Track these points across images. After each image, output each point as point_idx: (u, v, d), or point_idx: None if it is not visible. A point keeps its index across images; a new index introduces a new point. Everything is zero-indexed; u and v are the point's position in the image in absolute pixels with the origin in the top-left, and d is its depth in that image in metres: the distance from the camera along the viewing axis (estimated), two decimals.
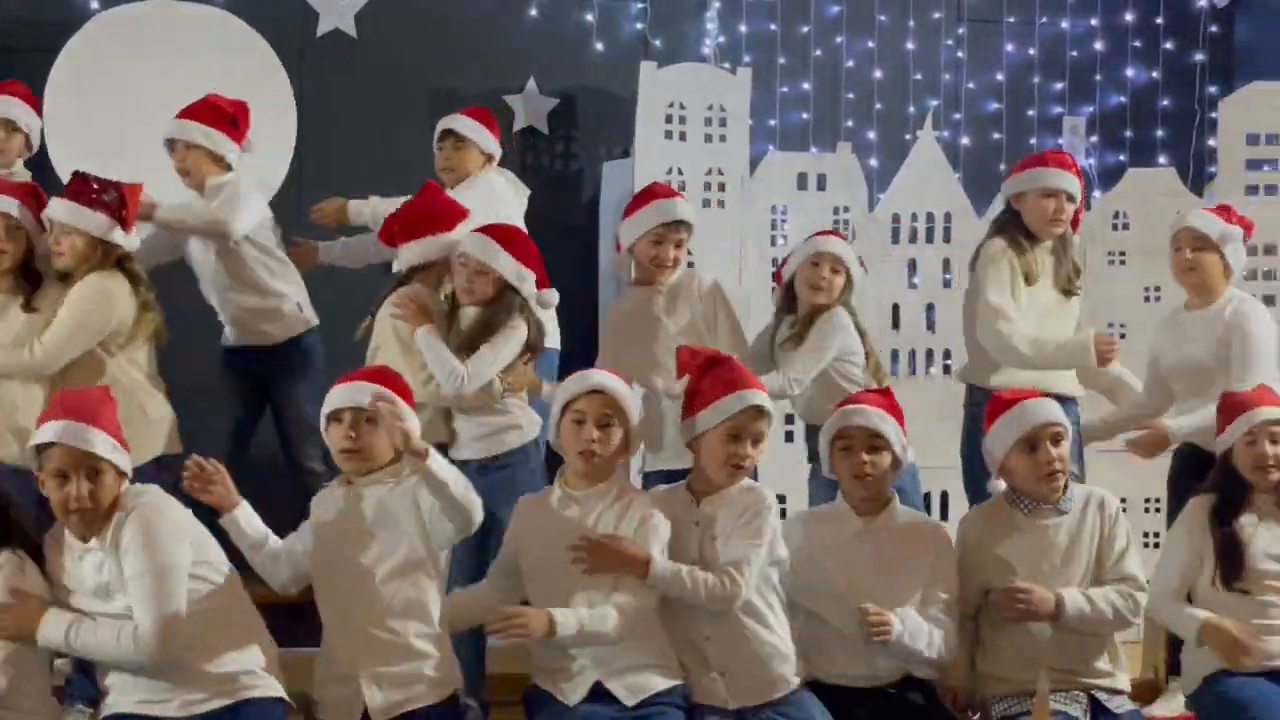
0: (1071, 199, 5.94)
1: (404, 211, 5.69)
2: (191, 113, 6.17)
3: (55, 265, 5.54)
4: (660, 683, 4.62)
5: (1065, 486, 4.95)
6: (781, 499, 7.07)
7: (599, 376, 4.79)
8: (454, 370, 5.24)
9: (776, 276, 6.16)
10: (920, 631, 4.74)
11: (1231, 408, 5.16)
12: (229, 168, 6.18)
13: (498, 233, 5.46)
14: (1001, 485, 5.01)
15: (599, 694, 4.60)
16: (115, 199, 5.49)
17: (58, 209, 5.48)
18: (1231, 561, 4.97)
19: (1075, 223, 6.08)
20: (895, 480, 5.03)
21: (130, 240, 5.57)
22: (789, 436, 7.03)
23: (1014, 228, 5.97)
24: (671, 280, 5.81)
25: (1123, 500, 5.71)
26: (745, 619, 4.71)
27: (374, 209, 6.56)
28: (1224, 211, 6.06)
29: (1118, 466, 6.55)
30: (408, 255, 5.56)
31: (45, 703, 4.53)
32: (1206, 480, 5.22)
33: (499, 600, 4.70)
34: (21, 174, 6.42)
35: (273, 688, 4.48)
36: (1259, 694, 4.85)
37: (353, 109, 7.52)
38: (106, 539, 4.36)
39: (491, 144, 6.79)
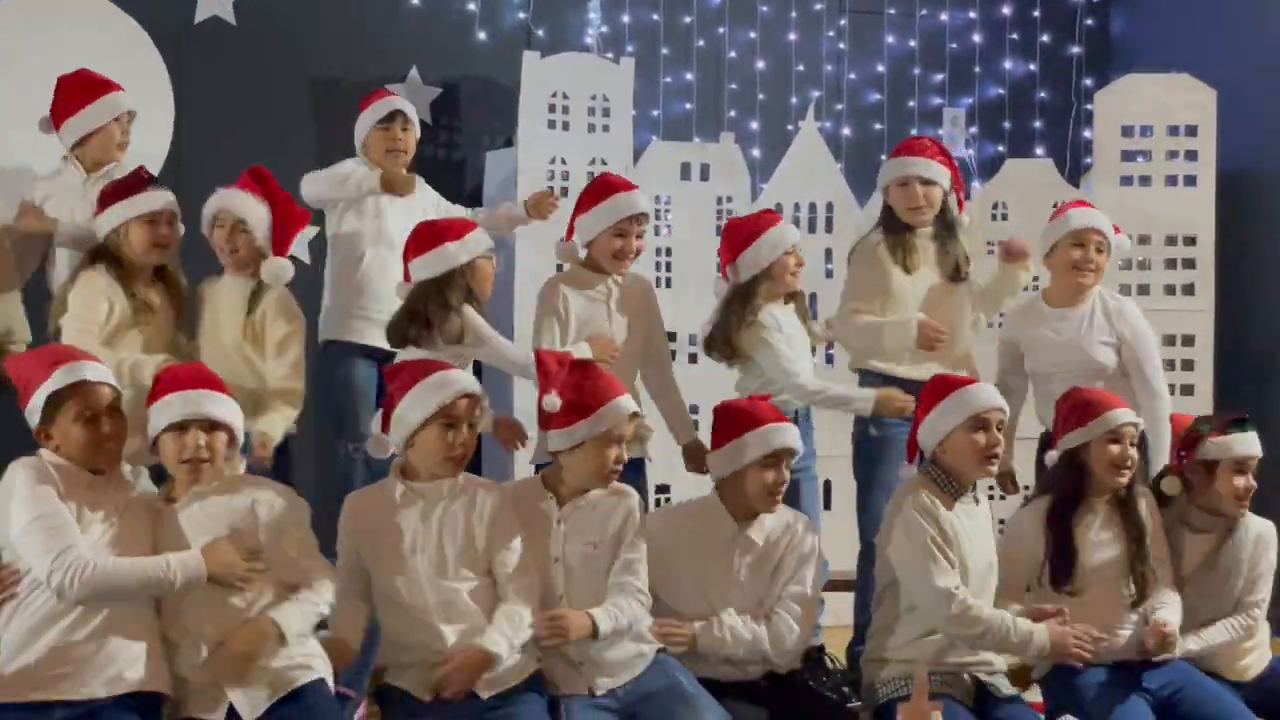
0: (930, 183, 5.94)
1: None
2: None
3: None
4: (515, 674, 4.57)
5: None
6: (665, 489, 7.15)
7: (468, 380, 4.73)
8: None
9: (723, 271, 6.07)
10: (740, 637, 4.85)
11: (1086, 407, 5.14)
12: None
13: None
14: (913, 470, 5.07)
15: None
16: None
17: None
18: (1064, 564, 5.02)
19: (960, 203, 6.10)
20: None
21: None
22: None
23: (890, 219, 6.03)
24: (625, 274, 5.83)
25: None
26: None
27: None
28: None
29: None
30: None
31: None
32: (1042, 481, 5.26)
33: (365, 609, 4.65)
34: None
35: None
36: (1103, 686, 4.91)
37: (232, 97, 7.43)
38: None
39: None
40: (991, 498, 5.87)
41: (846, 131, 8.63)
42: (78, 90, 6.08)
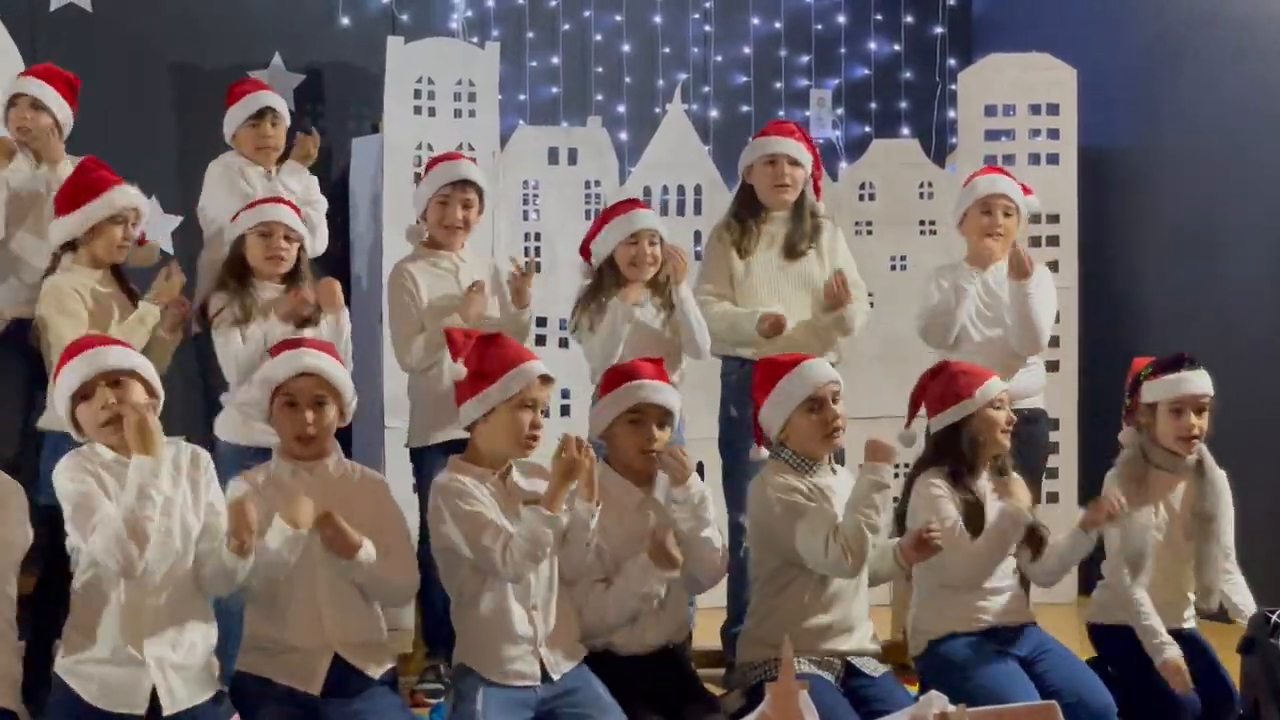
0: (795, 163, 6.03)
1: None
2: (43, 73, 6.28)
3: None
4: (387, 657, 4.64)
5: None
6: None
7: (308, 357, 4.72)
8: None
9: (584, 253, 6.07)
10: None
11: (962, 381, 5.19)
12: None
13: None
14: (764, 453, 5.08)
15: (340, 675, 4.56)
16: None
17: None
18: (976, 524, 5.07)
19: (818, 190, 6.18)
20: None
21: None
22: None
23: (739, 203, 6.14)
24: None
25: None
26: None
27: None
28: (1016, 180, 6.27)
29: (867, 432, 6.68)
30: None
31: None
32: (924, 457, 5.27)
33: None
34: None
35: None
36: (975, 653, 4.97)
37: (91, 86, 7.29)
38: None
39: None
40: None
41: (714, 114, 8.64)
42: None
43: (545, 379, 4.79)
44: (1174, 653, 4.98)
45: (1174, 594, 5.23)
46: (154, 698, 4.27)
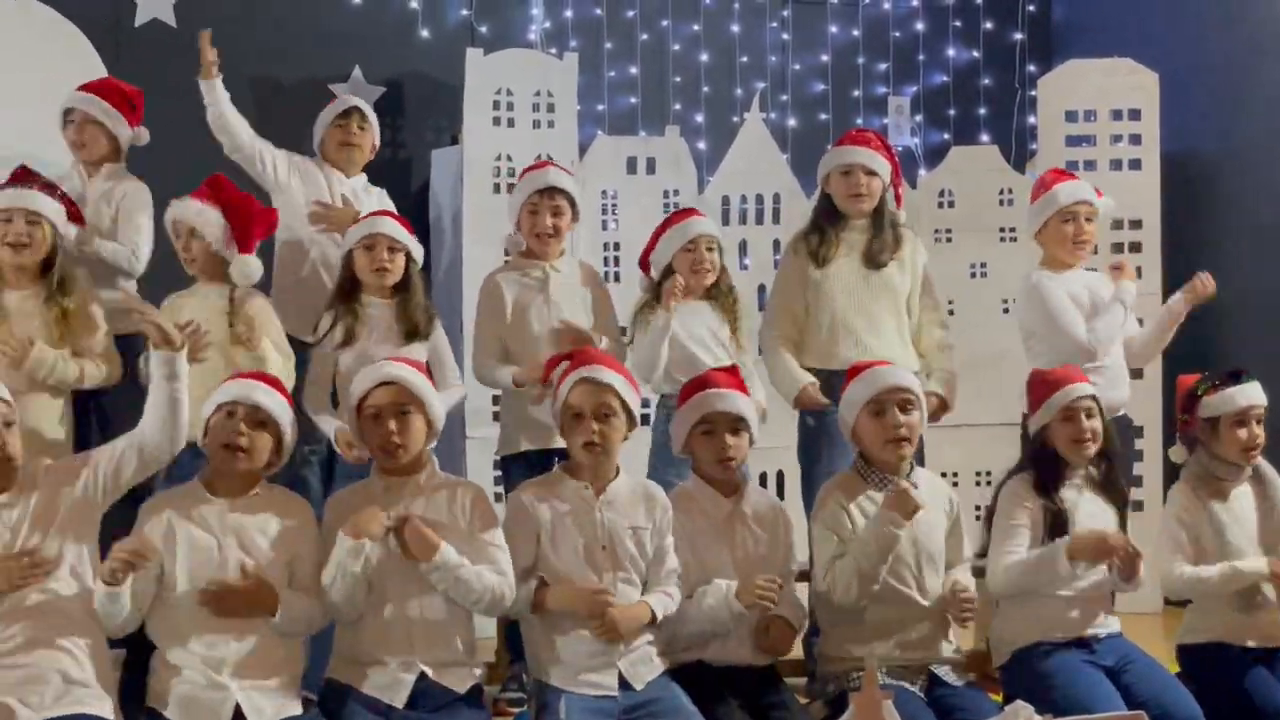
0: (871, 173, 6.01)
1: None
2: (94, 88, 6.27)
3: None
4: (456, 682, 4.61)
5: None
6: None
7: (389, 368, 4.76)
8: None
9: (643, 266, 6.12)
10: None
11: (1043, 386, 5.19)
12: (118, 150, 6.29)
13: None
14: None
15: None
16: None
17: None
18: (1059, 534, 5.03)
19: (898, 199, 6.16)
20: None
21: None
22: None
23: (819, 212, 6.11)
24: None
25: (955, 474, 5.84)
26: None
27: None
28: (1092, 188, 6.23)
29: (949, 441, 6.65)
30: None
31: None
32: (1018, 462, 5.26)
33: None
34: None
35: None
36: (1062, 663, 4.92)
37: (173, 100, 7.37)
38: None
39: None
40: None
41: (792, 122, 8.64)
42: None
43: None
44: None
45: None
46: (239, 715, 4.31)
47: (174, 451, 4.61)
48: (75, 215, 5.72)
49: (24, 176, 5.56)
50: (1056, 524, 5.04)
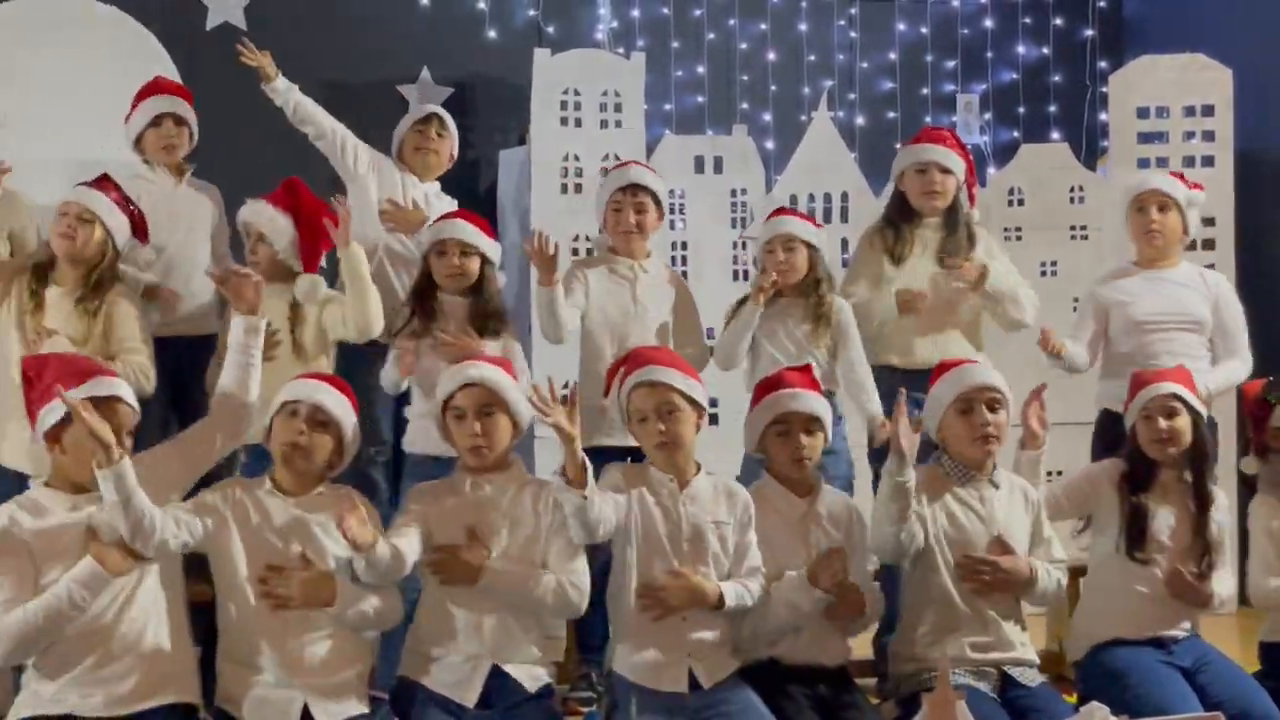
0: (946, 171, 5.99)
1: None
2: (167, 89, 6.31)
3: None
4: (528, 682, 4.61)
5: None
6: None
7: (473, 369, 4.77)
8: None
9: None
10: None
11: (1136, 384, 5.17)
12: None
13: None
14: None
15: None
16: None
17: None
18: (1138, 531, 5.02)
19: (972, 198, 6.12)
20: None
21: None
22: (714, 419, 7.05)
23: (893, 209, 6.10)
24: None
25: None
26: None
27: None
28: (1179, 176, 6.15)
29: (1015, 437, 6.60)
30: None
31: None
32: (1122, 449, 5.24)
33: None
34: None
35: None
36: (1138, 662, 4.89)
37: (244, 102, 7.42)
38: None
39: None
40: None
41: (860, 120, 8.61)
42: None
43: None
44: None
45: None
46: (308, 715, 4.34)
47: (250, 413, 4.75)
48: (141, 231, 5.73)
49: (100, 182, 5.60)
50: (1137, 523, 5.02)
